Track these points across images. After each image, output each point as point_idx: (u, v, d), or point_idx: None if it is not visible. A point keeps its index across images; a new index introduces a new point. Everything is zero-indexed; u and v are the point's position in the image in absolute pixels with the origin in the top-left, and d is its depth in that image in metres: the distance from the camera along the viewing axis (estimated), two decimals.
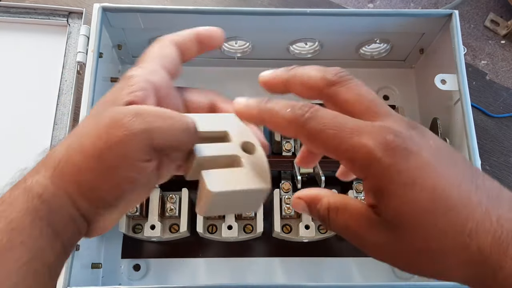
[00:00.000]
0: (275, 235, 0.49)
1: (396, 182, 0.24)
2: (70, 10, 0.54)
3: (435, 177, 0.24)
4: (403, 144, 0.24)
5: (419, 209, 0.24)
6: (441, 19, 0.49)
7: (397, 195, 0.24)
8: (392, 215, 0.25)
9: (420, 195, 0.24)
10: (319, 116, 0.26)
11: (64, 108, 0.50)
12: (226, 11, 0.49)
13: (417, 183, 0.24)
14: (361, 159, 0.25)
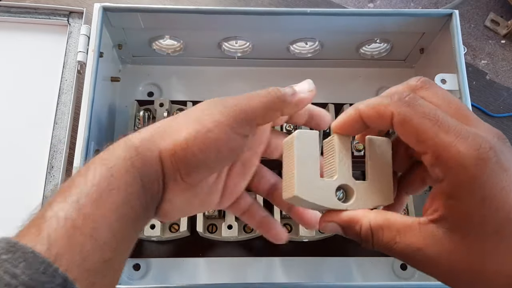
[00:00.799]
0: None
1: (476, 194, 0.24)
2: (70, 10, 0.54)
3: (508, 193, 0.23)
4: (495, 157, 0.24)
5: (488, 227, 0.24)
6: (441, 19, 0.50)
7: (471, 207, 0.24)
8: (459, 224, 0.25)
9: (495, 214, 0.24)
10: (420, 103, 0.25)
11: (65, 107, 0.50)
12: (226, 11, 0.49)
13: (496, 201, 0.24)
14: (448, 159, 0.24)
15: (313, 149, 0.29)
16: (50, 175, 0.48)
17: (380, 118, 0.27)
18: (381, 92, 0.60)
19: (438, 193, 0.25)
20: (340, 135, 0.30)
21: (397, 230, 0.26)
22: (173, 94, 0.58)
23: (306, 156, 0.29)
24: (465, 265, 0.24)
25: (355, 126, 0.29)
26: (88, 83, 0.46)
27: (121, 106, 0.57)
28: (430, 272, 0.26)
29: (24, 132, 0.51)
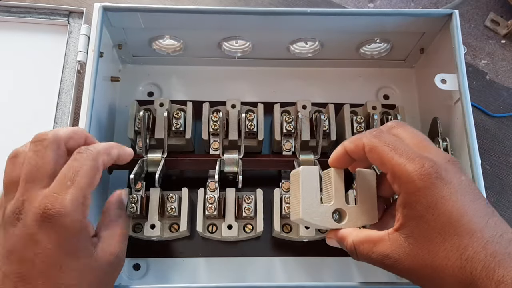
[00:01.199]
0: (275, 235, 0.50)
1: (421, 203, 0.31)
2: (70, 10, 0.54)
3: (453, 206, 0.30)
4: (435, 173, 0.31)
5: (432, 229, 0.30)
6: (441, 18, 0.50)
7: (420, 213, 0.31)
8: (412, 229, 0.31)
9: (437, 218, 0.30)
10: (384, 136, 0.34)
11: (65, 107, 0.50)
12: (226, 11, 0.49)
13: (438, 207, 0.30)
14: (401, 176, 0.32)
15: (314, 181, 0.37)
16: None
17: (357, 149, 0.35)
18: (381, 92, 0.60)
19: (398, 205, 0.32)
20: (335, 169, 0.38)
21: (373, 242, 0.33)
22: (173, 94, 0.59)
23: (309, 187, 0.37)
24: (420, 263, 0.31)
25: (344, 159, 0.37)
26: (88, 83, 0.46)
27: (121, 106, 0.57)
28: (397, 272, 0.32)
29: (24, 131, 0.51)
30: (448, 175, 0.31)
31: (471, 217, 0.30)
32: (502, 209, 0.57)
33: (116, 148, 0.38)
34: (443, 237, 0.30)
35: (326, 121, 0.51)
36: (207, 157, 0.50)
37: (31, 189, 0.32)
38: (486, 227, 0.30)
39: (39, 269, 0.30)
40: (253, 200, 0.49)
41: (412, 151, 0.32)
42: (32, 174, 0.32)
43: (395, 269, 0.32)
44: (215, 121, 0.51)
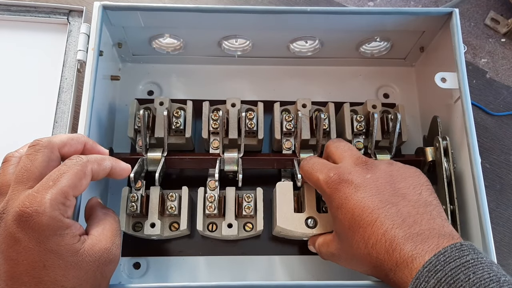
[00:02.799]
0: (275, 233, 0.50)
1: (333, 206, 0.38)
2: (70, 8, 0.54)
3: (356, 203, 0.36)
4: (338, 179, 0.38)
5: (344, 226, 0.37)
6: (441, 17, 0.49)
7: (333, 215, 0.39)
8: (336, 230, 0.40)
9: (345, 216, 0.37)
10: (310, 161, 0.43)
11: (65, 106, 0.50)
12: (226, 9, 0.49)
13: (343, 207, 0.37)
14: (319, 188, 0.41)
15: (288, 195, 0.45)
16: None
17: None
18: (381, 91, 0.60)
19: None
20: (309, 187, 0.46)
21: (327, 244, 0.42)
22: (173, 93, 0.58)
23: (283, 200, 0.45)
24: (347, 255, 0.38)
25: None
26: (88, 81, 0.46)
27: (121, 105, 0.57)
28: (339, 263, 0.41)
29: (24, 131, 0.51)
30: (351, 176, 0.38)
31: (372, 209, 0.35)
32: (502, 207, 0.57)
33: (110, 160, 0.38)
34: (352, 231, 0.36)
35: (326, 119, 0.51)
36: (207, 155, 0.50)
37: (16, 190, 0.33)
38: (386, 216, 0.35)
39: (23, 268, 0.31)
40: (253, 199, 0.49)
41: (326, 166, 0.41)
42: (21, 176, 0.33)
43: (341, 263, 0.40)
44: (215, 120, 0.51)
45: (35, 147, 0.35)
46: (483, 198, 0.42)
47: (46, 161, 0.34)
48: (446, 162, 0.47)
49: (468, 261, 0.31)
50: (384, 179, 0.38)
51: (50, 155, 0.35)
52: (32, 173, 0.34)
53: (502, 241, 0.56)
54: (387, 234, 0.34)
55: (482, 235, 0.41)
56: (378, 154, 0.49)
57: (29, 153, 0.34)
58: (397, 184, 0.37)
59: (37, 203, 0.31)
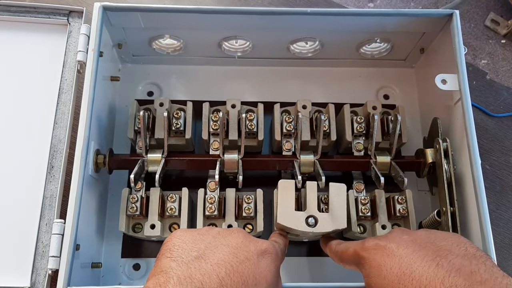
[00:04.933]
0: None
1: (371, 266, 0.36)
2: (70, 9, 0.54)
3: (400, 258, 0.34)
4: (374, 242, 0.37)
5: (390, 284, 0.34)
6: (441, 18, 0.49)
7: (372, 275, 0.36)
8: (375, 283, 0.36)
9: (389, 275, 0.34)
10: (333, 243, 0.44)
11: (65, 107, 0.50)
12: (226, 11, 0.48)
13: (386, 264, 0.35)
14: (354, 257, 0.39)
15: (290, 192, 0.44)
16: (50, 175, 0.48)
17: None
18: (381, 92, 0.60)
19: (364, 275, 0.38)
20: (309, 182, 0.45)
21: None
22: (173, 94, 0.58)
23: (285, 197, 0.44)
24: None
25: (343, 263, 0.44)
26: (88, 82, 0.46)
27: (121, 106, 0.57)
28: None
29: (24, 131, 0.51)
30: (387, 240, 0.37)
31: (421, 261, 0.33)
32: (502, 209, 0.57)
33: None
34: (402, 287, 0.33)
35: (326, 121, 0.51)
36: (207, 157, 0.50)
37: None
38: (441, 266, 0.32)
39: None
40: (253, 200, 0.49)
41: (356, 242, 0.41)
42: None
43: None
44: (215, 121, 0.51)
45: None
46: (483, 199, 0.42)
47: None
48: (446, 164, 0.47)
49: None
50: (422, 239, 0.36)
51: None
52: None
53: (502, 243, 0.56)
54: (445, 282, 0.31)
55: (482, 236, 0.41)
56: (378, 156, 0.49)
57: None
58: (438, 243, 0.35)
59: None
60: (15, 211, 0.47)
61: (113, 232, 0.51)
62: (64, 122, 0.50)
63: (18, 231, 0.46)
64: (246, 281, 0.32)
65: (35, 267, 0.44)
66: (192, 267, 0.32)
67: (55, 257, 0.42)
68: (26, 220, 0.46)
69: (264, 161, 0.51)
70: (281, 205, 0.44)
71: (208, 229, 0.38)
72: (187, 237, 0.36)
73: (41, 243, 0.45)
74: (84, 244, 0.44)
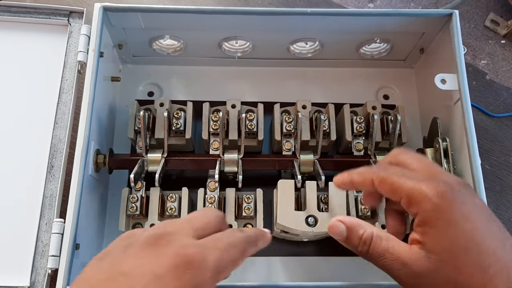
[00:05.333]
0: (275, 235, 0.49)
1: (442, 219, 0.31)
2: (71, 10, 0.54)
3: (475, 225, 0.30)
4: (451, 193, 0.31)
5: (457, 245, 0.30)
6: (441, 19, 0.50)
7: (441, 229, 0.31)
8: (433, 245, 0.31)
9: (461, 234, 0.30)
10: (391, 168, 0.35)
11: (65, 107, 0.50)
12: (226, 11, 0.49)
13: (460, 224, 0.30)
14: (417, 198, 0.31)
15: (290, 193, 0.45)
16: (50, 175, 0.48)
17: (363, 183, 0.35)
18: (381, 92, 0.60)
19: (416, 225, 0.32)
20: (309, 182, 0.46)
21: (394, 244, 0.33)
22: (173, 94, 0.59)
23: (285, 197, 0.44)
24: (443, 279, 0.31)
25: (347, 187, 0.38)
26: (89, 83, 0.46)
27: (121, 106, 0.57)
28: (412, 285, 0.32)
29: (24, 131, 0.51)
30: (463, 196, 0.31)
31: (491, 238, 0.30)
32: (502, 209, 0.57)
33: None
34: (467, 254, 0.30)
35: (326, 121, 0.51)
36: (207, 157, 0.50)
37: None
38: (504, 249, 0.30)
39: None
40: (253, 200, 0.49)
41: (424, 176, 0.33)
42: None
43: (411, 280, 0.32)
44: (215, 121, 0.51)
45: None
46: (483, 199, 0.42)
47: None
48: (446, 164, 0.47)
49: None
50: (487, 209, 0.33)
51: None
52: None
53: None
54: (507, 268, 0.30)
55: None
56: (378, 155, 0.49)
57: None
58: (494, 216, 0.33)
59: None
60: (15, 211, 0.47)
61: (113, 232, 0.51)
62: (64, 122, 0.50)
63: (18, 230, 0.47)
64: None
65: (35, 266, 0.44)
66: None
67: (54, 257, 0.42)
68: (26, 220, 0.47)
69: (264, 161, 0.51)
70: (281, 205, 0.44)
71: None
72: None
73: (41, 243, 0.45)
74: (84, 243, 0.44)
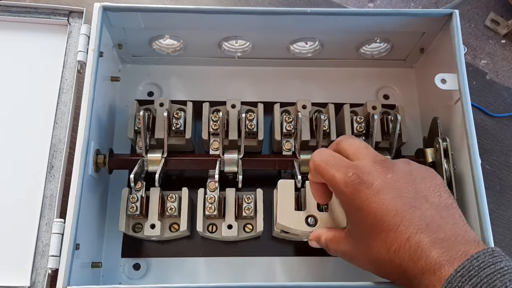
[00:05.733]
0: (275, 235, 0.50)
1: (351, 208, 0.36)
2: (70, 9, 0.54)
3: (377, 206, 0.34)
4: (357, 180, 0.35)
5: (363, 229, 0.35)
6: (441, 18, 0.49)
7: (351, 215, 0.37)
8: (352, 231, 0.37)
9: (365, 219, 0.35)
10: (323, 153, 0.39)
11: (65, 107, 0.50)
12: (226, 11, 0.49)
13: (363, 209, 0.35)
14: (334, 186, 0.37)
15: (290, 193, 0.45)
16: (50, 175, 0.48)
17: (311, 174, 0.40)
18: (381, 92, 0.60)
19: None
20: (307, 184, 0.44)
21: (337, 241, 0.40)
22: (173, 94, 0.59)
23: (285, 197, 0.44)
24: (365, 258, 0.36)
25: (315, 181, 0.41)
26: (88, 82, 0.46)
27: (121, 106, 0.57)
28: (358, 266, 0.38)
29: (24, 131, 0.51)
30: (371, 177, 0.35)
31: (395, 213, 0.33)
32: (502, 209, 0.57)
33: None
34: (372, 235, 0.34)
35: (326, 121, 0.51)
36: (207, 157, 0.50)
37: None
38: (410, 220, 0.33)
39: None
40: (253, 200, 0.49)
41: (342, 162, 0.37)
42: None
43: (355, 263, 0.38)
44: (215, 121, 0.51)
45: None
46: (483, 199, 0.42)
47: None
48: (446, 163, 0.47)
49: (503, 267, 0.29)
50: (404, 179, 0.35)
51: None
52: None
53: (502, 242, 0.56)
54: (411, 239, 0.32)
55: (482, 236, 0.41)
56: None
57: None
58: (417, 186, 0.35)
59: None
60: (15, 211, 0.47)
61: (113, 232, 0.51)
62: (64, 122, 0.50)
63: (18, 230, 0.47)
64: None
65: (35, 267, 0.44)
66: None
67: (55, 257, 0.42)
68: (26, 220, 0.46)
69: (264, 161, 0.51)
70: (281, 206, 0.44)
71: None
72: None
73: (41, 243, 0.45)
74: (84, 243, 0.44)
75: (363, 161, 0.37)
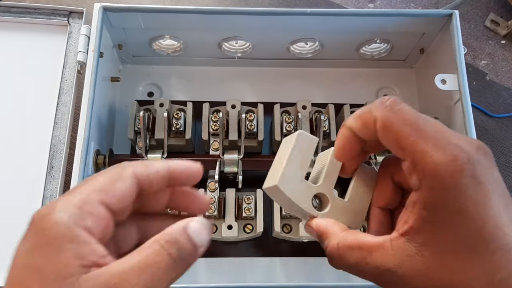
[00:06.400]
0: (275, 235, 0.50)
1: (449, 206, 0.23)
2: (70, 10, 0.54)
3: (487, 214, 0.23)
4: (471, 171, 0.23)
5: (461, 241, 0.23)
6: (441, 19, 0.50)
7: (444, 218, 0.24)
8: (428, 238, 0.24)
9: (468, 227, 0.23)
10: (402, 107, 0.25)
11: (65, 107, 0.50)
12: (226, 11, 0.49)
13: (469, 214, 0.23)
14: (425, 167, 0.23)
15: (307, 152, 0.30)
16: (50, 175, 0.48)
17: (365, 126, 0.26)
18: (381, 93, 0.60)
19: (412, 202, 0.24)
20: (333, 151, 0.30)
21: (368, 250, 0.26)
22: (173, 94, 0.58)
23: (299, 155, 0.30)
24: (437, 282, 0.24)
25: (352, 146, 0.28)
26: (88, 83, 0.46)
27: (121, 106, 0.57)
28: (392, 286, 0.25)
29: (24, 132, 0.51)
30: (482, 171, 0.23)
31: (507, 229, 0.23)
32: None
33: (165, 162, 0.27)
34: (473, 252, 0.23)
35: (326, 121, 0.51)
36: (207, 157, 0.50)
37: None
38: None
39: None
40: (253, 201, 0.49)
41: (441, 134, 0.24)
42: None
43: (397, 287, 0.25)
44: (215, 121, 0.51)
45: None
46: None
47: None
48: None
49: None
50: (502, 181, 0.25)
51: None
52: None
53: None
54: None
55: None
56: (378, 155, 0.49)
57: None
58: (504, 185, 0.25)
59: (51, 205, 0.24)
60: (15, 211, 0.47)
61: None
62: (64, 123, 0.50)
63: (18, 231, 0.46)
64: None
65: None
66: None
67: None
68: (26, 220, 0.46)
69: (264, 161, 0.51)
70: (289, 164, 0.30)
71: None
72: None
73: None
74: None
75: (463, 141, 0.24)
